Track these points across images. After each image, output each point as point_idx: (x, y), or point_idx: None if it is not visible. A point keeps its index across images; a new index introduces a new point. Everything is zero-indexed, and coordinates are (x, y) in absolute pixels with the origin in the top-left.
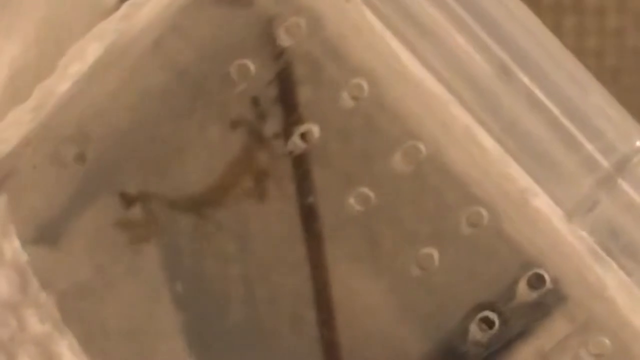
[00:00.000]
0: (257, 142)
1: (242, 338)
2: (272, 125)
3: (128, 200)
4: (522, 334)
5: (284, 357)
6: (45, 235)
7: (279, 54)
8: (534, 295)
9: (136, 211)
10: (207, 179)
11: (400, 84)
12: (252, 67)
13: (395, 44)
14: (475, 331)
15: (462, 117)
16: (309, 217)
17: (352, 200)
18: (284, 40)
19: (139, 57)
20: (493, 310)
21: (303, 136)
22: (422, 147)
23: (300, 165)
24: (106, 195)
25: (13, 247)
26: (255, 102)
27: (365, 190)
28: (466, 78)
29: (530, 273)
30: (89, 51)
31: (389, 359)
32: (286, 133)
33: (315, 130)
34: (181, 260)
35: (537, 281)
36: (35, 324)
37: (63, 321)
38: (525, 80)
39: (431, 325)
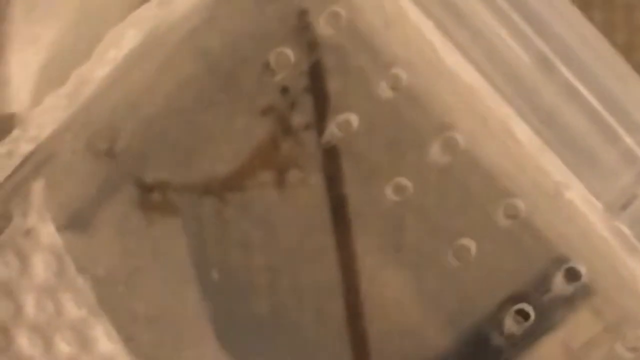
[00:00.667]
0: (284, 131)
1: (266, 328)
2: (301, 115)
3: (147, 190)
4: (554, 328)
5: (309, 349)
6: (75, 221)
7: (315, 43)
8: (570, 288)
9: (155, 200)
10: (230, 165)
11: (437, 74)
12: (291, 55)
13: (432, 34)
14: (510, 323)
15: (499, 109)
16: (338, 207)
17: (388, 191)
18: (322, 29)
19: (175, 45)
20: (528, 303)
21: (339, 126)
22: (459, 138)
23: (332, 154)
24: (132, 184)
25: (49, 231)
26: (285, 91)
27: (403, 180)
28: (505, 69)
29: (566, 266)
30: (126, 38)
31: (418, 351)
32: (319, 123)
33: (353, 120)
34: (206, 248)
35: (572, 275)
36: (72, 309)
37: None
38: (565, 72)
39: (463, 318)
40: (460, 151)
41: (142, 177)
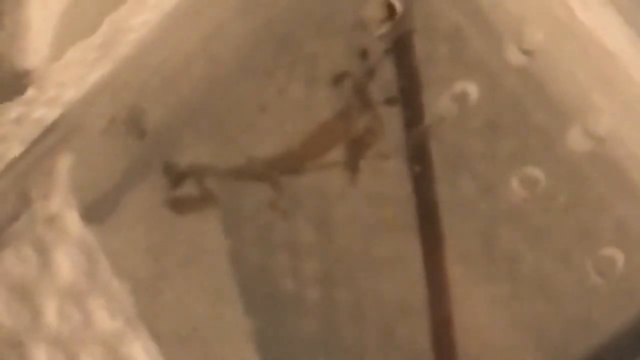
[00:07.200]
0: (360, 105)
1: (318, 350)
2: (382, 85)
3: (179, 176)
4: None
5: None
6: (94, 212)
7: None
8: None
9: (189, 188)
10: (286, 143)
11: (573, 38)
12: (398, 6)
13: None
14: None
15: None
16: (425, 204)
17: (514, 184)
18: None
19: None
20: None
21: (455, 99)
22: (602, 121)
23: (422, 137)
24: (160, 170)
25: (76, 220)
26: (364, 55)
27: (530, 170)
28: None
29: None
30: None
31: None
32: (407, 95)
33: (472, 91)
34: (249, 250)
35: None
36: (104, 319)
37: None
38: None
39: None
40: (603, 137)
41: (174, 160)
